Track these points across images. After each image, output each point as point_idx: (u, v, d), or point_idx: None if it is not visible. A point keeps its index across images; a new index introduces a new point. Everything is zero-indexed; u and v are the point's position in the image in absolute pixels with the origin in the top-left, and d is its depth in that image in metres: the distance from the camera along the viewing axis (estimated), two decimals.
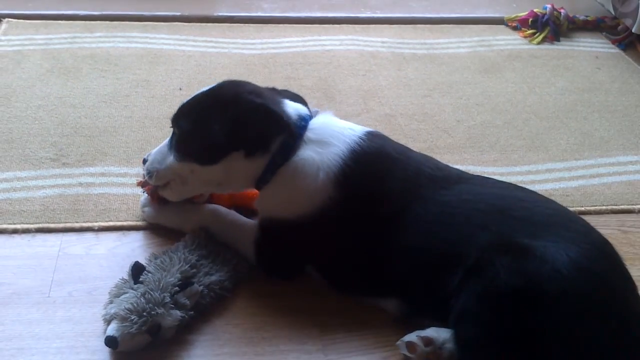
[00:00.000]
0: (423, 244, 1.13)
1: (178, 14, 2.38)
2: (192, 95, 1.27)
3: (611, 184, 1.65)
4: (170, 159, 1.23)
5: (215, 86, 1.27)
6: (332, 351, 1.12)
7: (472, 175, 1.28)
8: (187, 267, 1.15)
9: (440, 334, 1.09)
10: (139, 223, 1.38)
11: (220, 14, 2.42)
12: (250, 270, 1.25)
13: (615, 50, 2.39)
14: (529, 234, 1.08)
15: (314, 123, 1.25)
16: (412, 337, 1.10)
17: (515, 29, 2.46)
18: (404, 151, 1.27)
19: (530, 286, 1.01)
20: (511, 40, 2.39)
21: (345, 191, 1.17)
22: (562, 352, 1.00)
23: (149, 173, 1.26)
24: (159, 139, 1.65)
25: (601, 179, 1.67)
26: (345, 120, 1.31)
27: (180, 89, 1.92)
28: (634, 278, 1.29)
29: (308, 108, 1.30)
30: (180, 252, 1.19)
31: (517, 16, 2.47)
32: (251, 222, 1.28)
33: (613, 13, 2.45)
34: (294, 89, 1.86)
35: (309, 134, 1.22)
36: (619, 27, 2.47)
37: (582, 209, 1.55)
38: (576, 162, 1.73)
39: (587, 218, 1.44)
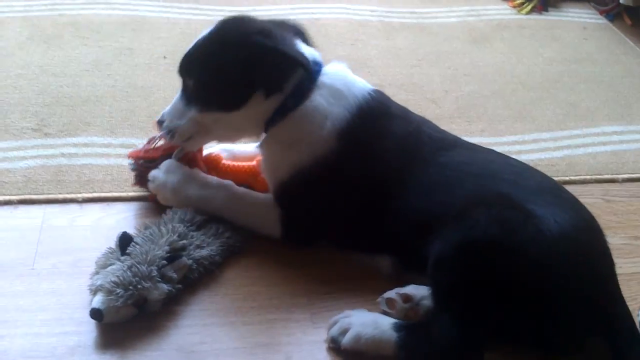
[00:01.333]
0: (419, 203, 1.14)
1: None
2: (192, 43, 1.23)
3: (596, 153, 1.66)
4: (192, 112, 1.20)
5: (217, 27, 1.22)
6: (320, 319, 1.13)
7: (467, 141, 1.29)
8: (175, 237, 1.14)
9: (419, 291, 1.12)
10: (124, 194, 1.36)
11: None
12: (242, 244, 1.24)
13: (602, 21, 2.38)
14: (519, 195, 1.09)
15: (328, 69, 1.24)
16: (391, 293, 1.12)
17: None
18: (406, 112, 1.29)
19: (509, 238, 1.02)
20: (500, 10, 2.37)
21: (347, 146, 1.18)
22: (529, 310, 1.02)
23: (170, 131, 1.22)
24: (143, 109, 1.64)
25: (586, 149, 1.68)
26: None
27: (165, 57, 1.88)
28: (617, 246, 1.34)
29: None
30: (170, 224, 1.18)
31: None
32: (268, 198, 1.26)
33: None
34: None
35: (323, 78, 1.22)
36: None
37: (567, 178, 1.55)
38: (562, 132, 1.74)
39: (571, 188, 1.46)
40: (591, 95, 1.91)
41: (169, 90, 1.71)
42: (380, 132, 1.21)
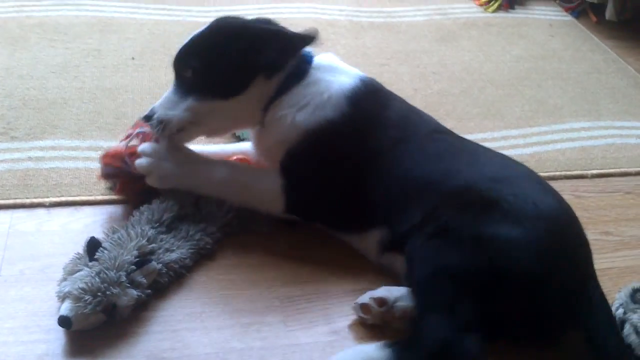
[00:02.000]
0: (415, 171, 1.17)
1: None
2: (188, 39, 1.25)
3: (565, 150, 1.68)
4: (189, 101, 1.20)
5: (211, 24, 1.26)
6: (294, 322, 1.12)
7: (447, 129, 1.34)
8: (144, 242, 1.12)
9: (392, 292, 1.11)
10: (92, 197, 1.34)
11: None
12: (213, 246, 1.23)
13: (568, 18, 2.41)
14: (499, 179, 1.12)
15: (321, 55, 1.30)
16: (365, 299, 1.12)
17: None
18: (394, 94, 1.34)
19: (485, 226, 1.04)
20: (467, 9, 2.39)
21: (355, 111, 1.21)
22: (511, 297, 1.02)
23: (162, 122, 1.20)
24: (111, 110, 1.62)
25: (555, 145, 1.70)
26: None
27: (133, 58, 1.86)
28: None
29: None
30: (139, 227, 1.16)
31: None
32: (270, 171, 1.25)
33: None
34: None
35: (318, 60, 1.27)
36: None
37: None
38: (531, 129, 1.76)
39: None
40: (558, 91, 1.93)
41: (137, 91, 1.70)
42: (383, 104, 1.27)
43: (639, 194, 1.54)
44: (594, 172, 1.60)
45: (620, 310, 1.13)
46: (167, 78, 1.75)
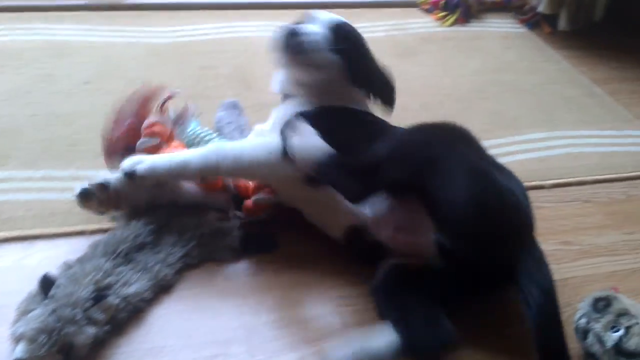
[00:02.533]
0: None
1: (83, 2, 2.27)
2: None
3: (523, 161, 1.69)
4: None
5: None
6: (260, 351, 1.10)
7: None
8: (100, 276, 1.09)
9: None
10: (47, 231, 1.30)
11: (129, 1, 2.32)
12: (173, 277, 1.20)
13: (523, 29, 2.45)
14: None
15: None
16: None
17: (427, 11, 2.48)
18: None
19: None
20: (424, 23, 2.41)
21: None
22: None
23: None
24: (65, 138, 1.58)
25: (514, 156, 1.71)
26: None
27: (87, 82, 1.82)
28: (549, 252, 1.33)
29: None
30: (95, 260, 1.13)
31: None
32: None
33: None
34: (210, 79, 1.85)
35: None
36: (526, 7, 2.53)
37: None
38: (490, 141, 1.75)
39: None
40: (516, 103, 1.96)
41: (92, 117, 1.66)
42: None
43: (597, 202, 1.56)
44: (552, 182, 1.61)
45: (583, 320, 1.14)
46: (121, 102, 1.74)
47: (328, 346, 1.09)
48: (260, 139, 1.32)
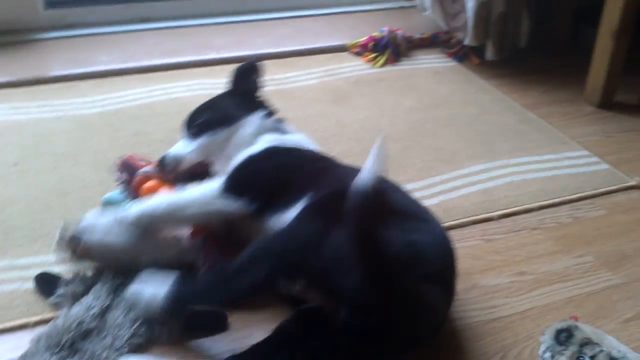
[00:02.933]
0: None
1: (5, 79, 2.20)
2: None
3: (468, 195, 1.70)
4: (200, 139, 1.48)
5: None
6: None
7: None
8: None
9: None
10: None
11: (54, 73, 2.26)
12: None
13: (452, 63, 2.50)
14: None
15: None
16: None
17: (358, 54, 2.51)
18: None
19: None
20: (356, 67, 2.43)
21: None
22: None
23: (175, 160, 1.47)
24: None
25: (458, 191, 1.71)
26: None
27: (16, 164, 1.75)
28: (504, 285, 1.38)
29: None
30: (39, 356, 1.07)
31: (357, 42, 2.52)
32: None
33: (445, 28, 2.57)
34: (144, 145, 1.80)
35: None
36: (452, 41, 2.59)
37: (447, 224, 1.55)
38: (433, 178, 1.77)
39: (452, 233, 1.51)
40: (454, 137, 1.98)
41: (24, 200, 1.59)
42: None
43: (545, 228, 1.57)
44: (499, 212, 1.62)
45: (548, 354, 1.13)
46: (55, 182, 1.68)
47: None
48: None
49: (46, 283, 1.29)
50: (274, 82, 2.28)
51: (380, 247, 1.01)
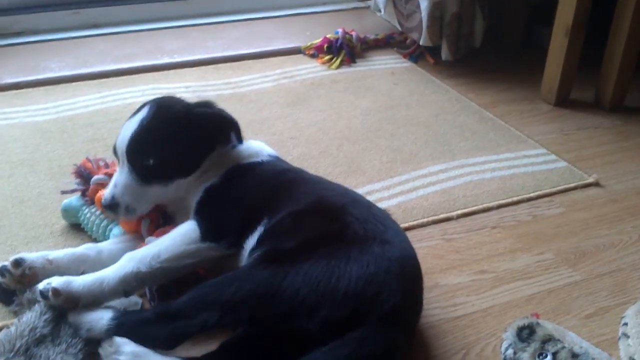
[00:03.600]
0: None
1: None
2: (133, 123, 1.31)
3: (428, 195, 1.70)
4: (154, 188, 1.30)
5: (153, 109, 1.32)
6: None
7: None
8: None
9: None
10: None
11: (5, 81, 2.20)
12: None
13: (408, 64, 2.51)
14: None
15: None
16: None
17: (312, 56, 2.50)
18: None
19: None
20: (311, 69, 2.42)
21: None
22: None
23: (127, 210, 1.29)
24: None
25: (418, 192, 1.72)
26: None
27: None
28: (465, 284, 1.39)
29: None
30: None
31: (312, 44, 2.52)
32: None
33: (400, 29, 2.58)
34: (100, 151, 1.76)
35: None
36: (408, 41, 2.61)
37: (406, 224, 1.56)
38: (392, 179, 1.77)
39: (412, 233, 1.52)
40: (412, 138, 1.98)
41: None
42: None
43: (504, 226, 1.58)
44: (459, 212, 1.63)
45: (510, 351, 1.13)
46: (11, 190, 1.63)
47: None
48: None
49: (4, 291, 1.26)
50: (228, 85, 2.26)
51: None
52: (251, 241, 1.23)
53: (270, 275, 1.06)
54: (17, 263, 1.23)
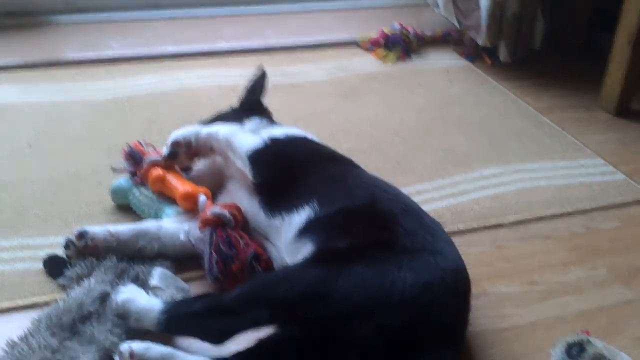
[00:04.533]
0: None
1: (20, 61, 2.19)
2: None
3: (479, 199, 1.68)
4: None
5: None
6: None
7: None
8: (48, 354, 1.03)
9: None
10: None
11: (67, 57, 2.25)
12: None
13: (464, 62, 2.48)
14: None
15: None
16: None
17: (368, 50, 2.49)
18: None
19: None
20: (366, 62, 2.41)
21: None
22: None
23: None
24: (10, 205, 1.51)
25: (469, 195, 1.69)
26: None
27: (30, 145, 1.75)
28: (515, 295, 1.36)
29: None
30: (39, 336, 1.06)
31: (368, 37, 2.50)
32: None
33: (458, 26, 2.55)
34: (154, 133, 1.79)
35: None
36: (465, 40, 2.57)
37: (456, 228, 1.54)
38: (443, 180, 1.75)
39: (461, 237, 1.50)
40: (464, 138, 1.96)
41: (37, 181, 1.59)
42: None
43: (558, 237, 1.55)
44: (511, 219, 1.60)
45: None
46: (68, 165, 1.67)
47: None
48: None
49: (55, 264, 1.30)
50: (283, 75, 2.27)
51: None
52: (297, 219, 1.24)
53: (323, 276, 1.06)
54: (81, 235, 1.29)
